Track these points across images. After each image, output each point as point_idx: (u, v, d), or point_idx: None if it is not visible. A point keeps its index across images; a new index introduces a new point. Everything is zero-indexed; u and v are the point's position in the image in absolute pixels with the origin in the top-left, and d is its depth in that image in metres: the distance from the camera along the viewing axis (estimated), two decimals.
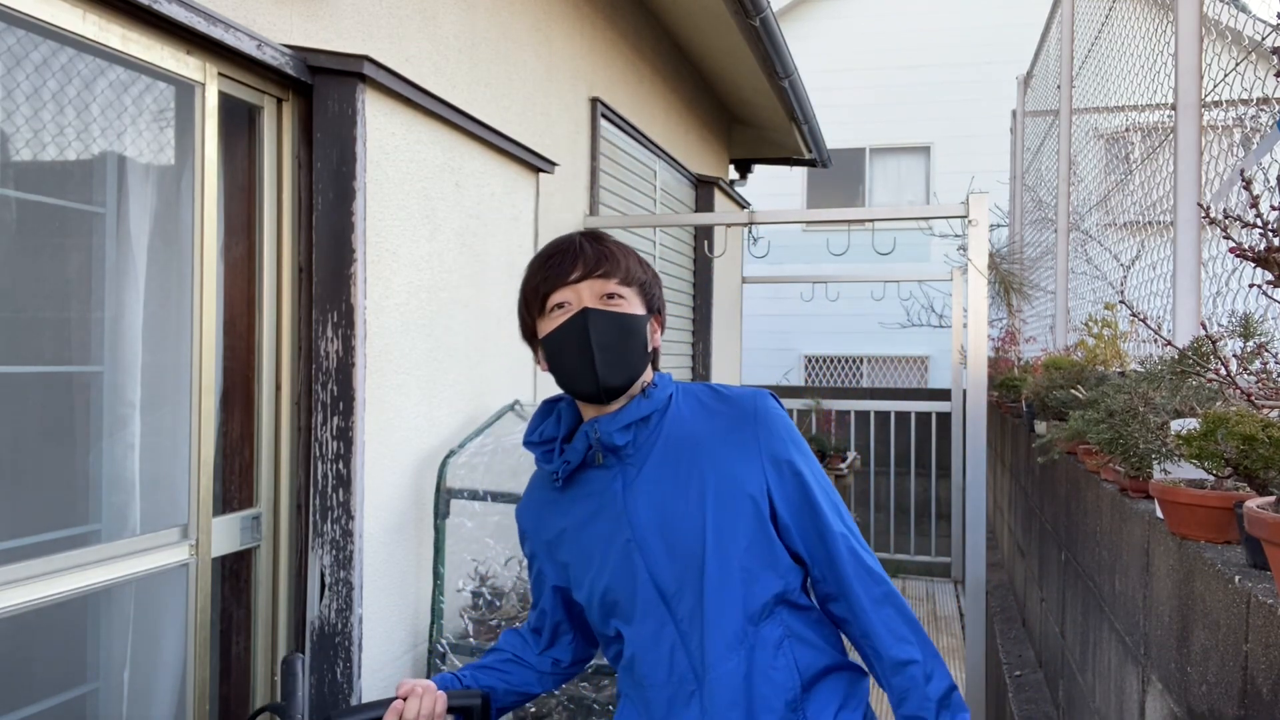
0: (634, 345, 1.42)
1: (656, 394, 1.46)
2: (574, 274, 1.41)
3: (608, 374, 1.39)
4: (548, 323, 1.43)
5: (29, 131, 1.84)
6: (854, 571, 1.42)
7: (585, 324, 1.39)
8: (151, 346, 1.97)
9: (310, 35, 2.25)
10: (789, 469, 1.42)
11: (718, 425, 1.44)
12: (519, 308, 1.50)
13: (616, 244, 1.47)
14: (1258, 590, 1.15)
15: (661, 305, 1.51)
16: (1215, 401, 1.52)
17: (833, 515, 1.43)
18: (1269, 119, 1.86)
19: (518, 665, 1.58)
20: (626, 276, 1.43)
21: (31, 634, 1.87)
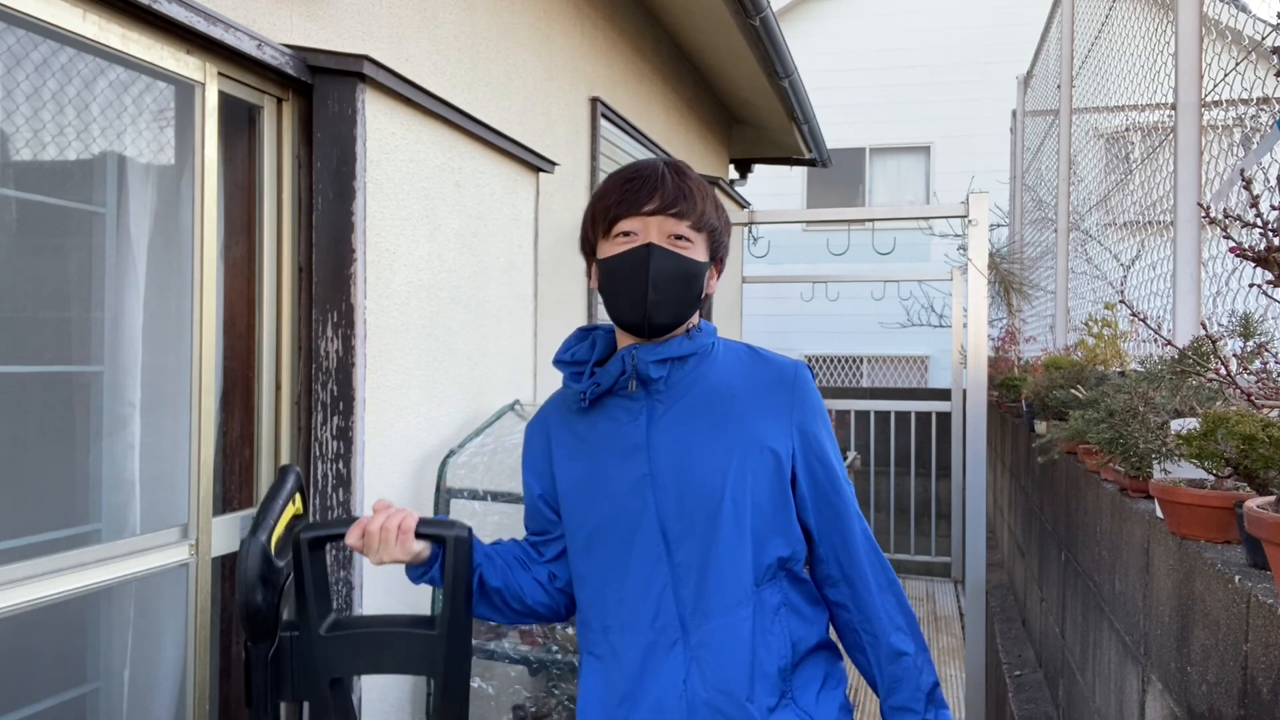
0: (689, 290, 1.40)
1: (700, 338, 1.45)
2: (649, 205, 1.38)
3: (656, 312, 1.38)
4: (610, 246, 1.41)
5: (29, 131, 1.84)
6: (866, 553, 1.43)
7: (647, 259, 1.37)
8: (151, 346, 1.97)
9: (310, 35, 2.25)
10: (816, 443, 1.43)
11: (754, 383, 1.44)
12: (584, 218, 1.46)
13: (698, 182, 1.43)
14: (1258, 590, 1.15)
15: (726, 253, 1.49)
16: (1215, 401, 1.52)
17: (851, 497, 1.45)
18: (1269, 119, 1.86)
19: (519, 564, 1.53)
20: (699, 220, 1.40)
21: (31, 634, 1.87)
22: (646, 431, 1.41)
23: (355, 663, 1.38)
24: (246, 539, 1.35)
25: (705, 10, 4.82)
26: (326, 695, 1.36)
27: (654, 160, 1.44)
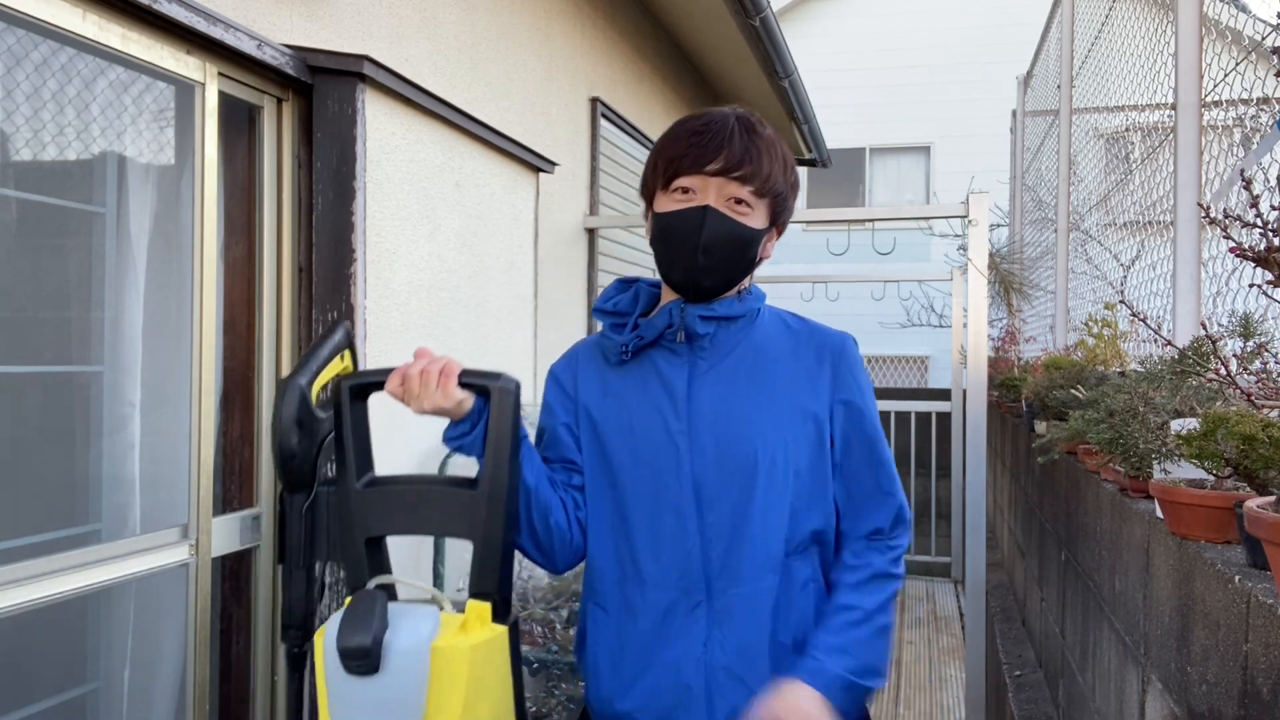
0: (741, 257, 1.36)
1: (749, 301, 1.41)
2: (712, 165, 1.32)
3: (704, 276, 1.35)
4: (666, 200, 1.36)
5: (29, 131, 1.84)
6: (887, 515, 1.41)
7: (701, 222, 1.32)
8: (151, 346, 1.97)
9: (310, 35, 2.25)
10: (858, 416, 1.40)
11: (799, 351, 1.41)
12: (647, 162, 1.41)
13: (769, 142, 1.36)
14: (1258, 590, 1.15)
15: (790, 215, 1.44)
16: (1215, 401, 1.52)
17: (895, 476, 1.42)
18: (1269, 119, 1.86)
19: (547, 478, 1.42)
20: (763, 185, 1.34)
21: (31, 634, 1.87)
22: (688, 386, 1.37)
23: (393, 521, 1.29)
24: (285, 380, 1.28)
25: (705, 10, 4.82)
26: (362, 556, 1.27)
27: (726, 113, 1.37)
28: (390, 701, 1.14)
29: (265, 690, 2.16)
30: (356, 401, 1.30)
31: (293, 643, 1.32)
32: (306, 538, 1.29)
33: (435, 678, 1.14)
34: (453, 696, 1.14)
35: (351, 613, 1.16)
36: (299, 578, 1.30)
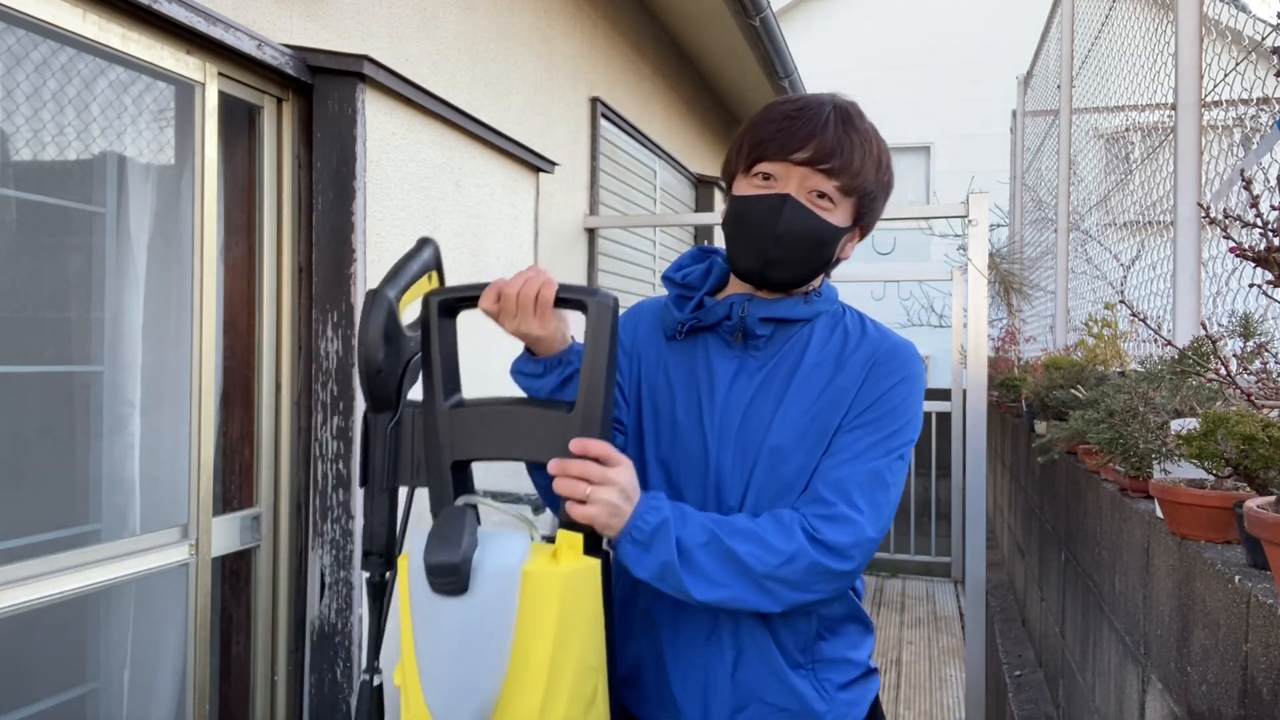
0: (817, 254, 1.28)
1: (817, 304, 1.33)
2: (799, 153, 1.23)
3: (774, 270, 1.27)
4: (746, 183, 1.28)
5: (29, 131, 1.84)
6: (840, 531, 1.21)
7: (779, 212, 1.24)
8: (151, 346, 1.97)
9: (310, 35, 2.25)
10: (862, 415, 1.28)
11: (848, 362, 1.30)
12: (732, 143, 1.32)
13: (865, 136, 1.27)
14: (1258, 590, 1.15)
15: (874, 219, 1.34)
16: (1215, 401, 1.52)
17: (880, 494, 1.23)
18: (1269, 119, 1.86)
19: None
20: (851, 183, 1.25)
21: (31, 634, 1.87)
22: (730, 383, 1.30)
23: (481, 445, 1.20)
24: (373, 291, 1.20)
25: (705, 10, 4.82)
26: (448, 481, 1.20)
27: (824, 99, 1.29)
28: (478, 625, 1.06)
29: (265, 690, 2.16)
30: (445, 318, 1.22)
31: (374, 570, 1.24)
32: (390, 460, 1.22)
33: (526, 603, 1.06)
34: (544, 625, 1.07)
35: (439, 529, 1.09)
36: (381, 502, 1.23)
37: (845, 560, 1.17)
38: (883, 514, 1.21)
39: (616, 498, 1.11)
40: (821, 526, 1.18)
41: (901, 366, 1.30)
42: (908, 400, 1.28)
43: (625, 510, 1.12)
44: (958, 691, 4.73)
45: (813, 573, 1.17)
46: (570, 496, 1.11)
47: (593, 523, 1.11)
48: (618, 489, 1.11)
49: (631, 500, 1.13)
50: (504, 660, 1.06)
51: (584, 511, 1.11)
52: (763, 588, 1.16)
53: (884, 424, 1.26)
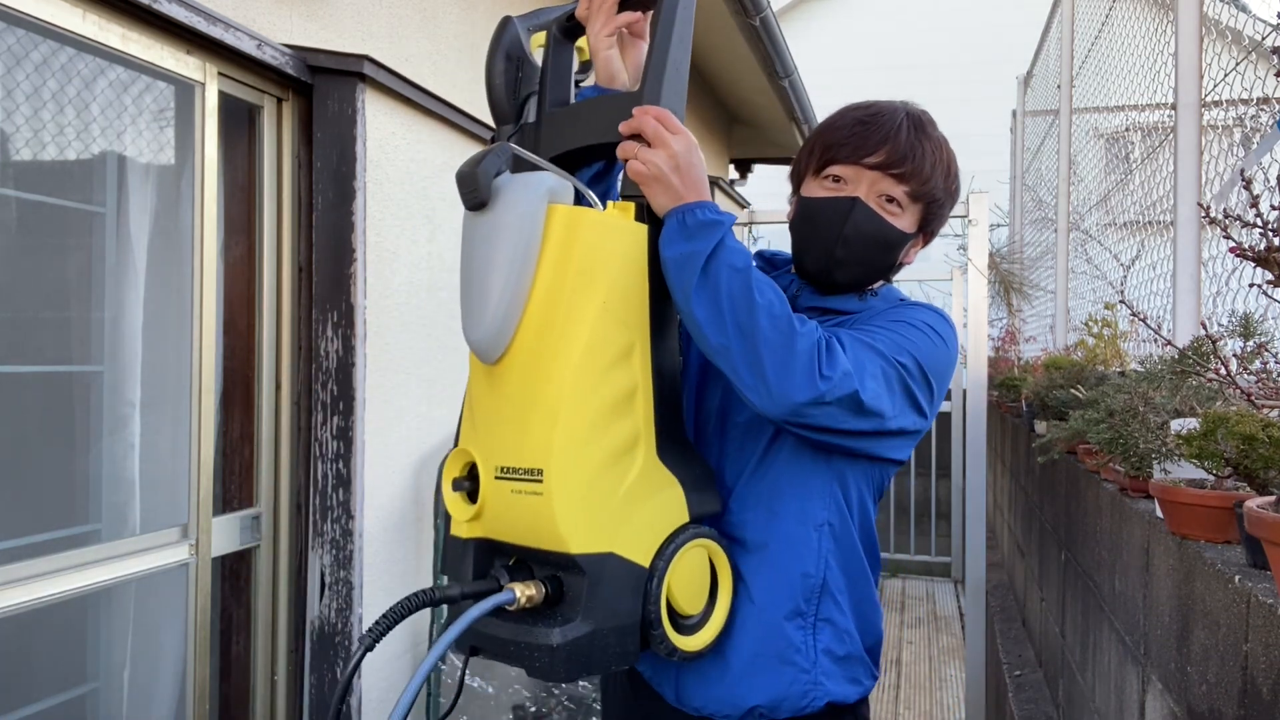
0: (882, 258, 1.30)
1: (871, 303, 1.33)
2: (871, 157, 1.26)
3: (838, 270, 1.29)
4: (815, 185, 1.31)
5: (29, 131, 1.84)
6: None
7: (848, 214, 1.26)
8: (151, 346, 1.97)
9: (310, 35, 2.25)
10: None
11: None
12: (803, 146, 1.35)
13: (935, 144, 1.30)
14: (1258, 590, 1.15)
15: (939, 227, 1.35)
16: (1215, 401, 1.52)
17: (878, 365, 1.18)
18: (1269, 119, 1.86)
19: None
20: (920, 189, 1.27)
21: (31, 634, 1.87)
22: None
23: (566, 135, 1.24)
24: (508, 18, 1.29)
25: (705, 10, 4.82)
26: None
27: (897, 106, 1.31)
28: (498, 242, 1.08)
29: (265, 690, 2.16)
30: (562, 40, 1.28)
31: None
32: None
33: (552, 236, 1.07)
34: (566, 260, 1.06)
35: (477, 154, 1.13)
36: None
37: (831, 386, 1.10)
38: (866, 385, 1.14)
39: (664, 162, 1.10)
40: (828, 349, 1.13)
41: (922, 311, 1.29)
42: (923, 333, 1.24)
43: (672, 182, 1.11)
44: (958, 691, 4.73)
45: (806, 363, 1.09)
46: (623, 155, 1.13)
47: (638, 180, 1.11)
48: (667, 154, 1.10)
49: (682, 175, 1.11)
50: (523, 287, 1.07)
51: (632, 167, 1.11)
52: (752, 344, 1.09)
53: (889, 329, 1.22)
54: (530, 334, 1.07)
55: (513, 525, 1.10)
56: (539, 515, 1.05)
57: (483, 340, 1.09)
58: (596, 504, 1.07)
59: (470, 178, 1.09)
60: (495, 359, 1.09)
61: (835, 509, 1.26)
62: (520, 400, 1.08)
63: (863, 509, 1.31)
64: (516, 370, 1.09)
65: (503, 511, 1.09)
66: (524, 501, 1.06)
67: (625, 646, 1.10)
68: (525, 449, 1.06)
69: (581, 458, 1.06)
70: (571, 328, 1.06)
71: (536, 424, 1.05)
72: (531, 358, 1.07)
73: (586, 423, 1.06)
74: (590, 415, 1.06)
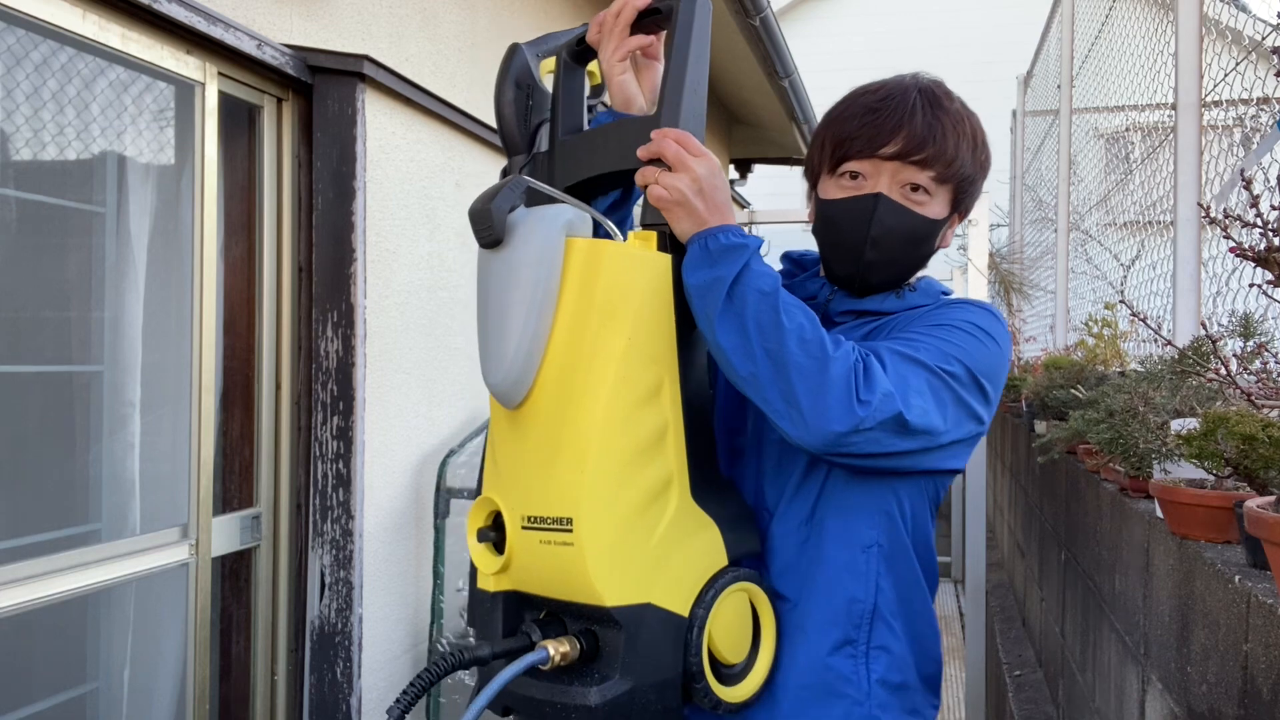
0: (915, 251, 1.22)
1: (910, 298, 1.24)
2: (887, 148, 1.16)
3: (872, 272, 1.20)
4: (832, 185, 1.21)
5: (29, 131, 1.84)
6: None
7: (872, 213, 1.17)
8: (151, 346, 1.97)
9: (310, 35, 2.25)
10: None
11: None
12: (813, 141, 1.25)
13: (956, 117, 1.19)
14: (1258, 590, 1.15)
15: (974, 200, 1.26)
16: (1215, 401, 1.52)
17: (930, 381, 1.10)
18: (1269, 119, 1.86)
19: None
20: (947, 170, 1.18)
21: (31, 634, 1.87)
22: None
23: (583, 163, 1.19)
24: (516, 45, 1.25)
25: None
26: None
27: (907, 84, 1.20)
28: (517, 281, 1.02)
29: (265, 690, 2.16)
30: (573, 65, 1.23)
31: None
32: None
33: (571, 272, 1.01)
34: (589, 297, 1.01)
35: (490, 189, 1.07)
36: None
37: (871, 411, 1.01)
38: (911, 403, 1.04)
39: (687, 186, 1.04)
40: (865, 371, 1.05)
41: (967, 309, 1.19)
42: (971, 335, 1.14)
43: (695, 206, 1.05)
44: (958, 691, 4.73)
45: (842, 388, 1.01)
46: (642, 182, 1.07)
47: (659, 206, 1.05)
48: (689, 178, 1.04)
49: (705, 198, 1.05)
50: (543, 326, 1.01)
51: (653, 192, 1.05)
52: (783, 371, 1.02)
53: (932, 335, 1.13)
54: (553, 376, 1.02)
55: (542, 577, 1.04)
56: (570, 567, 0.99)
57: (503, 384, 1.04)
58: (630, 552, 1.01)
59: (484, 215, 1.02)
60: (517, 403, 1.04)
61: (886, 527, 1.17)
62: (545, 446, 1.02)
63: (918, 524, 1.21)
64: (540, 415, 1.03)
65: (531, 563, 1.04)
66: (554, 552, 1.00)
67: (667, 702, 1.04)
68: (553, 497, 1.01)
69: (613, 504, 1.00)
70: (597, 367, 1.01)
71: (564, 470, 1.00)
72: (555, 401, 1.02)
73: (617, 467, 1.01)
74: (620, 459, 1.01)
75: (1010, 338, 1.20)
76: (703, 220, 1.06)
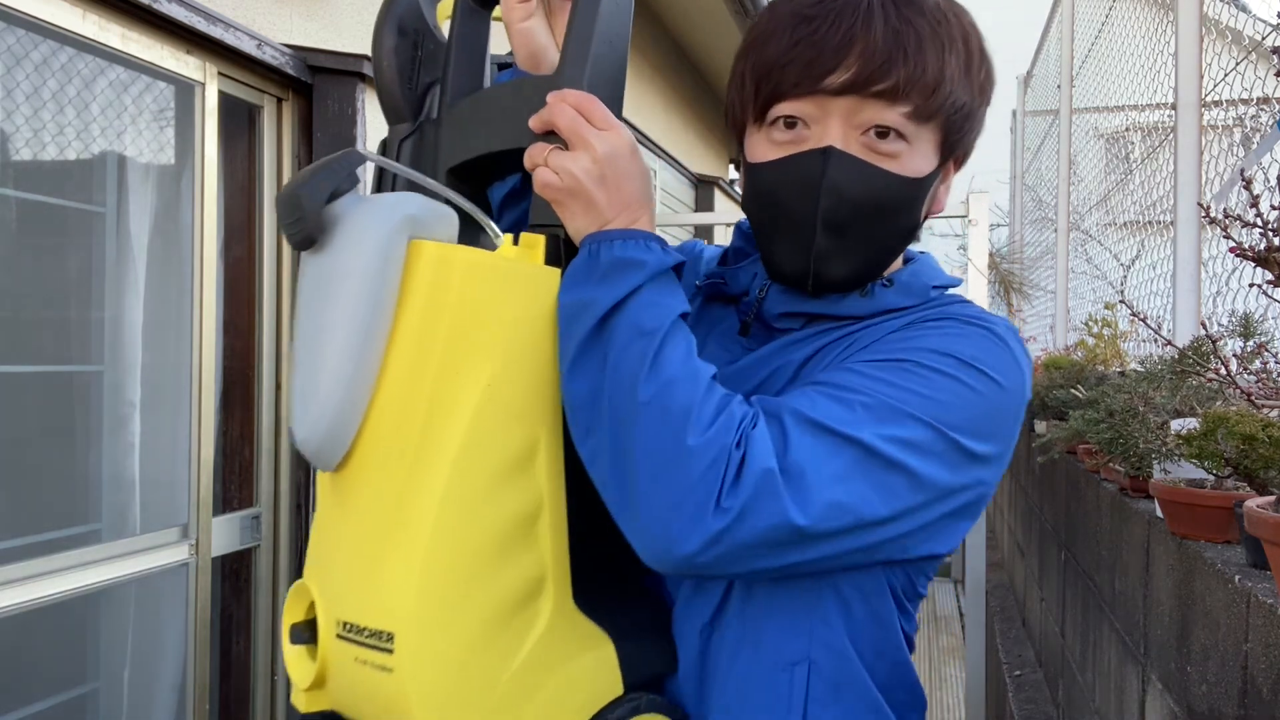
0: (892, 227, 0.84)
1: (881, 297, 0.86)
2: (834, 76, 0.78)
3: (829, 266, 0.82)
4: (762, 142, 0.84)
5: (29, 131, 1.84)
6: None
7: (820, 178, 0.79)
8: (151, 346, 1.97)
9: (310, 35, 2.25)
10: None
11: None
12: (731, 77, 0.88)
13: (935, 18, 0.80)
14: (1258, 590, 1.15)
15: (974, 141, 0.88)
16: (1215, 401, 1.52)
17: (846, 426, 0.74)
18: (1269, 119, 1.86)
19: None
20: (928, 102, 0.79)
21: (31, 634, 1.87)
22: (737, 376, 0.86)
23: (472, 139, 0.90)
24: None
25: (705, 10, 4.82)
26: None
27: None
28: (335, 297, 0.73)
29: (265, 690, 2.16)
30: (475, 7, 0.95)
31: None
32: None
33: (414, 289, 0.72)
34: (434, 323, 0.72)
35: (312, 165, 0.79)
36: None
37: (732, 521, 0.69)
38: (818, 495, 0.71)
39: (583, 170, 0.75)
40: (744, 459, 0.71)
41: (960, 331, 0.81)
42: (953, 376, 0.77)
43: (594, 198, 0.76)
44: (958, 691, 4.73)
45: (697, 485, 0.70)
46: (530, 163, 0.78)
47: (546, 195, 0.77)
48: (589, 159, 0.75)
49: (609, 188, 0.76)
50: (368, 362, 0.72)
51: (539, 177, 0.77)
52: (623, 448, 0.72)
53: (897, 370, 0.76)
54: (381, 433, 0.73)
55: (360, 706, 0.76)
56: (389, 700, 0.71)
57: (312, 438, 0.74)
58: (477, 685, 0.72)
59: (291, 203, 0.74)
60: (334, 464, 0.75)
61: (822, 637, 0.82)
62: (369, 527, 0.74)
63: (879, 629, 0.84)
64: (363, 484, 0.75)
65: (347, 685, 0.75)
66: (369, 678, 0.72)
67: None
68: (373, 600, 0.72)
69: (454, 617, 0.71)
70: (440, 422, 0.71)
71: (390, 565, 0.71)
72: (382, 467, 0.73)
73: (463, 563, 0.71)
74: (469, 551, 0.72)
75: (1030, 360, 0.85)
76: (601, 217, 0.76)
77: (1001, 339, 0.82)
